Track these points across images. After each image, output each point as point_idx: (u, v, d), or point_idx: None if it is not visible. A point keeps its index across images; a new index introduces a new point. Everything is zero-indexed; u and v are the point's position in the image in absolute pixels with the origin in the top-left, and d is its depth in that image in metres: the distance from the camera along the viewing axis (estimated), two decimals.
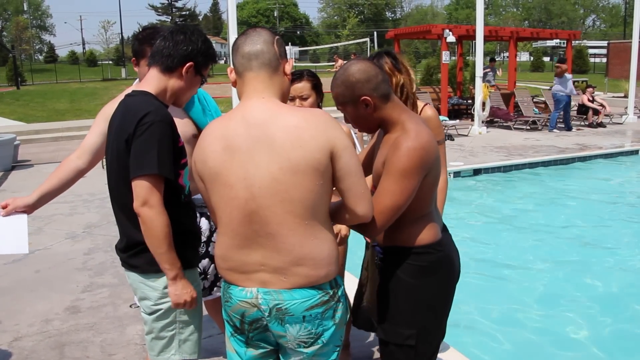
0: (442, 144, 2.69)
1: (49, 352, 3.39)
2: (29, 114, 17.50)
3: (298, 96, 2.67)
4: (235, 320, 1.80)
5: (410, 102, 2.64)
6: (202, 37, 2.05)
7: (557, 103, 13.33)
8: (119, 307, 4.02)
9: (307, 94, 2.68)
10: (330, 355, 1.81)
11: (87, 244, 5.53)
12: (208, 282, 2.78)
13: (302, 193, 1.64)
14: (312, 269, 1.69)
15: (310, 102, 2.68)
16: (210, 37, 2.61)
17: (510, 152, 10.45)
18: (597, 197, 7.83)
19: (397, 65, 2.62)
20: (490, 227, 6.63)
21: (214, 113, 2.73)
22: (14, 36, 52.99)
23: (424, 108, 2.71)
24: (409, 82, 2.63)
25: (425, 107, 2.72)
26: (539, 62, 43.79)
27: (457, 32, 14.78)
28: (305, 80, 2.69)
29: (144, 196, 1.89)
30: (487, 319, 4.17)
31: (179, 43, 2.01)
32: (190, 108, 2.64)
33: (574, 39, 17.69)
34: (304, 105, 2.65)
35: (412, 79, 2.65)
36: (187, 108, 2.62)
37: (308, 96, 2.68)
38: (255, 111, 1.69)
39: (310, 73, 2.75)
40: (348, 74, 1.91)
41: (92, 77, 32.73)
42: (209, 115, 2.69)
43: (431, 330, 2.05)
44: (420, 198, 1.91)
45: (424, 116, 2.68)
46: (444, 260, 2.03)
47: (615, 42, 32.98)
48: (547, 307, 4.38)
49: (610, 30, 74.60)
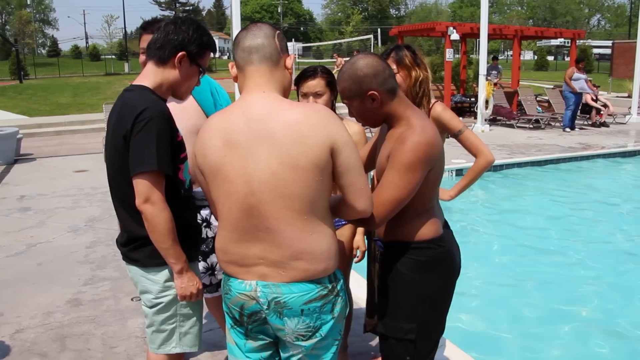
0: (466, 130, 2.67)
1: (50, 344, 3.41)
2: (32, 108, 17.52)
3: (312, 93, 2.58)
4: (234, 313, 1.81)
5: (427, 99, 2.63)
6: (194, 26, 2.03)
7: (566, 101, 13.31)
8: (120, 300, 4.04)
9: (321, 90, 2.59)
10: (329, 348, 1.81)
11: (89, 237, 5.55)
12: (216, 279, 2.77)
13: (301, 188, 1.64)
14: (311, 263, 1.70)
15: (324, 100, 2.59)
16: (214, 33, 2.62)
17: (512, 150, 10.44)
18: (599, 197, 7.82)
19: (417, 60, 2.61)
20: (492, 224, 6.63)
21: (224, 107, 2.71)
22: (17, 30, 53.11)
23: (434, 105, 2.69)
24: (426, 78, 2.61)
25: (435, 104, 2.69)
26: (543, 61, 43.67)
27: (461, 30, 14.76)
28: (319, 77, 2.59)
29: (146, 193, 1.90)
30: (485, 316, 4.18)
31: (169, 33, 2.00)
32: (203, 100, 2.62)
33: (578, 38, 17.65)
34: (318, 102, 2.57)
35: (429, 76, 2.63)
36: (200, 100, 2.61)
37: (322, 93, 2.59)
38: (256, 106, 1.69)
39: (325, 69, 2.65)
40: (356, 68, 1.90)
41: (95, 72, 32.75)
42: (220, 108, 2.68)
43: (431, 325, 2.06)
44: (422, 193, 1.92)
45: (435, 113, 2.67)
46: (445, 255, 2.04)
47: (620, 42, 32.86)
48: (547, 303, 4.38)
49: (615, 30, 74.33)
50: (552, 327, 4.04)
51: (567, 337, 3.91)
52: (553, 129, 13.75)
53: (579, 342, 3.84)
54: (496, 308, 4.33)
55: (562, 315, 4.20)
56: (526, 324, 4.07)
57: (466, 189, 2.80)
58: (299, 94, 2.68)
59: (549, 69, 42.16)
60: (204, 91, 2.64)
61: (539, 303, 4.40)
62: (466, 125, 2.73)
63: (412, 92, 2.61)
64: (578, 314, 4.22)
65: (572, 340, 3.87)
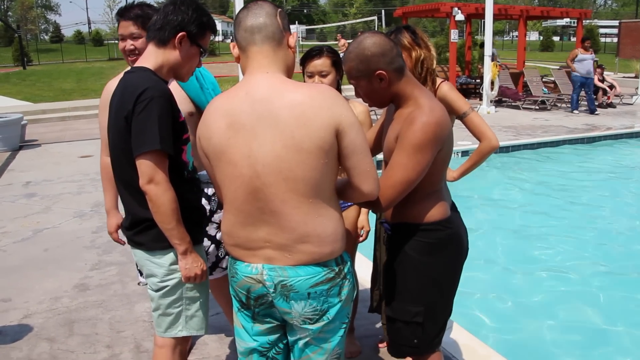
0: (472, 112, 2.61)
1: (58, 328, 3.43)
2: (36, 94, 17.50)
3: (318, 72, 2.60)
4: (241, 296, 1.80)
5: (431, 78, 2.59)
6: (193, 6, 2.01)
7: (573, 84, 13.18)
8: (127, 284, 4.05)
9: (327, 70, 2.60)
10: (337, 332, 1.80)
11: (95, 222, 5.56)
12: (209, 263, 2.78)
13: (306, 171, 1.61)
14: (317, 246, 1.68)
15: (329, 80, 2.60)
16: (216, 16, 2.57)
17: (518, 132, 10.37)
18: (608, 177, 7.77)
19: (417, 40, 2.57)
20: (498, 207, 6.60)
21: (212, 90, 2.67)
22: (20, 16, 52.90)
23: (440, 85, 2.65)
24: (429, 57, 2.57)
25: (441, 84, 2.65)
26: (549, 42, 43.25)
27: (466, 10, 14.58)
28: (325, 57, 2.61)
29: (150, 174, 1.88)
30: (492, 298, 4.18)
31: (169, 14, 1.98)
32: (187, 85, 2.59)
33: (584, 17, 17.42)
34: (324, 83, 2.57)
35: (432, 55, 2.58)
36: (183, 85, 2.58)
37: (328, 73, 2.60)
38: (260, 87, 1.66)
39: (330, 49, 2.66)
40: (363, 47, 1.87)
41: (98, 57, 32.66)
42: (207, 92, 2.64)
43: (438, 308, 2.05)
44: (431, 174, 1.89)
45: (441, 93, 2.63)
46: (453, 237, 2.02)
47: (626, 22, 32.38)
48: (553, 287, 4.38)
49: (622, 9, 73.36)
50: (558, 309, 4.04)
51: (576, 320, 3.91)
52: (559, 110, 13.65)
53: (588, 327, 3.84)
54: (503, 291, 4.32)
55: (570, 299, 4.19)
56: (533, 307, 4.06)
57: (469, 172, 2.76)
58: (305, 74, 2.68)
59: (555, 50, 41.74)
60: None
61: (547, 287, 4.39)
62: (472, 107, 2.68)
63: (415, 73, 2.57)
64: (585, 298, 4.21)
65: (580, 324, 3.86)
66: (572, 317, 3.94)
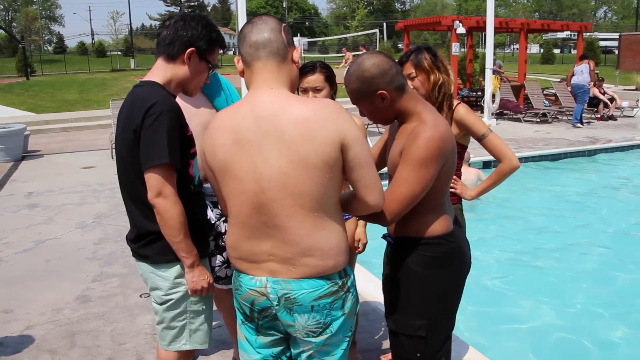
0: (491, 133, 2.63)
1: (60, 340, 3.42)
2: (39, 105, 17.57)
3: (311, 88, 2.62)
4: (245, 308, 1.81)
5: (447, 103, 2.59)
6: (203, 22, 2.04)
7: (575, 97, 13.22)
8: (129, 296, 4.05)
9: (320, 85, 2.63)
10: (340, 345, 1.80)
11: (97, 233, 5.56)
12: (231, 272, 2.77)
13: (311, 186, 1.63)
14: (320, 260, 1.69)
15: (324, 94, 2.63)
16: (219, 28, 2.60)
17: (520, 145, 10.38)
18: (608, 192, 7.77)
19: (437, 62, 2.57)
20: (500, 218, 6.60)
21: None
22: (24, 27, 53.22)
23: (457, 107, 2.66)
24: (447, 82, 2.57)
25: (457, 107, 2.66)
26: (549, 54, 43.40)
27: (467, 23, 14.68)
28: (318, 72, 2.63)
29: (158, 187, 1.90)
30: (495, 312, 4.17)
31: (179, 30, 2.00)
32: (216, 98, 2.63)
33: (585, 30, 17.51)
34: (318, 98, 2.60)
35: (450, 79, 2.58)
36: (212, 97, 2.61)
37: (322, 88, 2.63)
38: (264, 103, 1.67)
39: (323, 65, 2.69)
40: (363, 69, 1.89)
41: (101, 68, 32.78)
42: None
43: (441, 322, 2.05)
44: (435, 188, 1.90)
45: (458, 116, 2.63)
46: (456, 251, 2.02)
47: (627, 34, 32.58)
48: (555, 298, 4.36)
49: (622, 22, 73.75)
50: (563, 324, 4.02)
51: (583, 332, 3.88)
52: (560, 122, 13.67)
53: (594, 343, 3.81)
54: (505, 304, 4.31)
55: (573, 313, 4.18)
56: (537, 321, 4.05)
57: (487, 191, 2.78)
58: (299, 89, 2.70)
59: (556, 62, 41.89)
60: (218, 88, 2.65)
61: (550, 301, 4.38)
62: (490, 128, 2.69)
63: (431, 97, 2.57)
64: (588, 310, 4.20)
65: (586, 340, 3.84)
66: (578, 332, 3.91)
